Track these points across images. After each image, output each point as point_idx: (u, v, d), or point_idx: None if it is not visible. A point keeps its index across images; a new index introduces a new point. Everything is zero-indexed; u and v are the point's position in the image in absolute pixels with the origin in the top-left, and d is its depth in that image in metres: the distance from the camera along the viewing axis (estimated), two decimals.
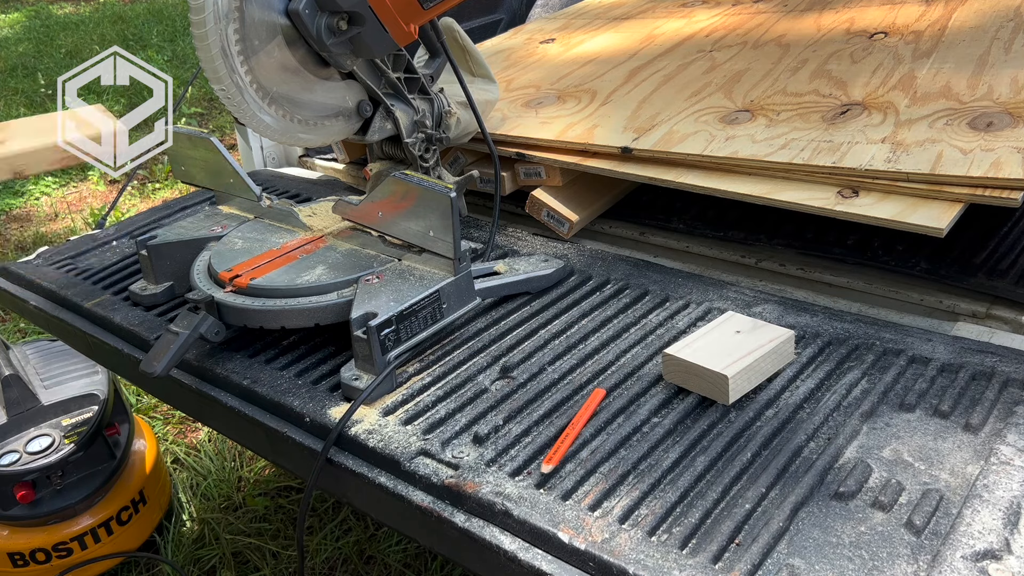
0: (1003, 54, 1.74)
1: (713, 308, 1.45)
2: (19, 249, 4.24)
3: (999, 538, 0.94)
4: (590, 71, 2.14)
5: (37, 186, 5.01)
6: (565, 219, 1.75)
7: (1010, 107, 1.50)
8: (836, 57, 1.93)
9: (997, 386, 1.19)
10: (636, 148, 1.67)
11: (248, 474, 2.64)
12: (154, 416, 2.94)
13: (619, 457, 1.14)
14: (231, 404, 1.40)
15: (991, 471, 1.04)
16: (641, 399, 1.25)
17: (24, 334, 3.46)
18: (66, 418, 2.21)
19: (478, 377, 1.34)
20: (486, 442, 1.19)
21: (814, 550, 0.96)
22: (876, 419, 1.16)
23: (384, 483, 1.18)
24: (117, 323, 1.64)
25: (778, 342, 1.26)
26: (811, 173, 1.48)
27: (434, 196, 1.40)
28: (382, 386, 1.30)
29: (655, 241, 1.74)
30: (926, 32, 1.97)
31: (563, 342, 1.40)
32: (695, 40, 2.25)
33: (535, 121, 1.88)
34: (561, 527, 1.02)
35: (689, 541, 1.00)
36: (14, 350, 2.39)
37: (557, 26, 2.64)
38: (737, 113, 1.73)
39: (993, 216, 1.59)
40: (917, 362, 1.26)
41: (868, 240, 1.57)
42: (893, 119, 1.57)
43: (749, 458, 1.11)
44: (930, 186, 1.37)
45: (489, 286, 1.52)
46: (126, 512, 2.26)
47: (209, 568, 2.34)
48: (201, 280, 1.50)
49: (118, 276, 1.83)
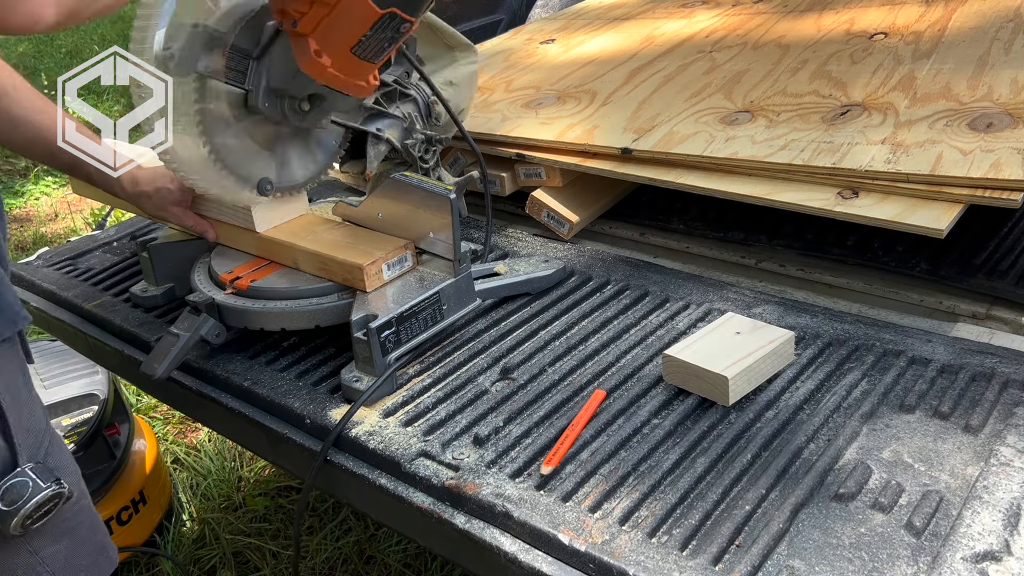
0: (1003, 55, 1.74)
1: (713, 309, 1.45)
2: (19, 249, 4.24)
3: (999, 539, 0.94)
4: (590, 72, 2.14)
5: (37, 186, 5.01)
6: (565, 220, 1.75)
7: (1010, 108, 1.50)
8: (836, 58, 1.92)
9: (997, 387, 1.19)
10: (636, 149, 1.67)
11: (248, 474, 2.65)
12: (154, 416, 2.94)
13: (619, 458, 1.14)
14: (232, 405, 1.40)
15: (991, 472, 1.04)
16: (641, 400, 1.25)
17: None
18: (66, 418, 2.21)
19: (478, 378, 1.34)
20: (486, 443, 1.19)
21: (814, 551, 0.97)
22: (876, 420, 1.16)
23: (384, 484, 1.18)
24: (118, 325, 1.64)
25: (778, 343, 1.26)
26: (811, 174, 1.48)
27: (434, 197, 1.40)
28: (382, 388, 1.30)
29: (655, 242, 1.74)
30: (926, 33, 1.97)
31: (563, 343, 1.40)
32: (695, 41, 2.25)
33: (535, 122, 1.88)
34: (561, 529, 1.03)
35: (689, 542, 1.00)
36: None
37: (557, 27, 2.64)
38: (737, 114, 1.73)
39: (993, 217, 1.59)
40: (917, 363, 1.26)
41: (868, 241, 1.57)
42: (893, 120, 1.57)
43: (749, 459, 1.11)
44: (930, 187, 1.37)
45: (489, 287, 1.52)
46: (126, 512, 2.26)
47: (209, 568, 2.34)
48: (202, 282, 1.50)
49: (118, 277, 1.83)
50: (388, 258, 1.40)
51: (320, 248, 1.43)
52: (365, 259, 1.38)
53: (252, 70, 1.38)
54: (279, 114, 1.42)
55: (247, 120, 1.43)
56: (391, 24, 1.27)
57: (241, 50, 1.36)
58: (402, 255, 1.42)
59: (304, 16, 1.26)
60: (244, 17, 1.35)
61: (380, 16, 1.25)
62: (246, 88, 1.38)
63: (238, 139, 1.43)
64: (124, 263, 1.90)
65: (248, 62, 1.37)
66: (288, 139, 1.51)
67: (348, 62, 1.31)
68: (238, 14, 1.35)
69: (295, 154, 1.54)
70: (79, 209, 4.59)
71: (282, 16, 1.29)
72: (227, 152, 1.41)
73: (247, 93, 1.39)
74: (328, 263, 1.41)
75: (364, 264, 1.37)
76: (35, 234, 4.38)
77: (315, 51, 1.28)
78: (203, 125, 1.37)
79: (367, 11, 1.25)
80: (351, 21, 1.26)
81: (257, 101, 1.39)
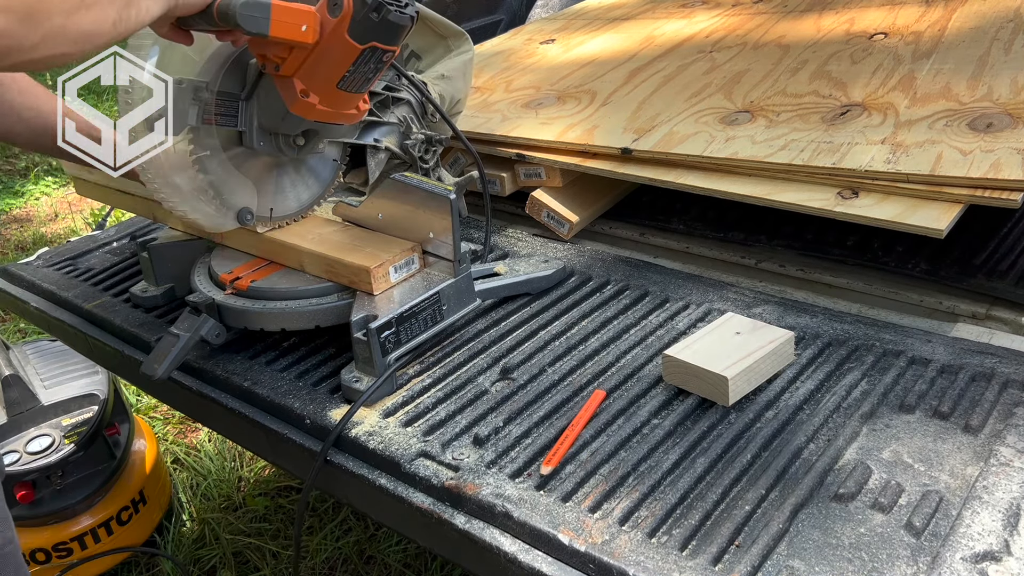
0: (1003, 55, 1.74)
1: (713, 309, 1.45)
2: (19, 249, 4.24)
3: (999, 540, 0.95)
4: (590, 72, 2.14)
5: (37, 186, 5.01)
6: (565, 220, 1.75)
7: (1010, 108, 1.50)
8: (836, 58, 1.93)
9: (997, 387, 1.19)
10: (636, 149, 1.67)
11: (248, 474, 2.65)
12: (154, 416, 2.95)
13: (619, 459, 1.14)
14: (232, 406, 1.40)
15: (991, 472, 1.04)
16: (641, 400, 1.26)
17: (24, 334, 3.46)
18: (66, 418, 2.21)
19: (478, 379, 1.34)
20: (486, 444, 1.19)
21: (814, 552, 0.97)
22: (876, 420, 1.16)
23: (384, 485, 1.18)
24: (118, 325, 1.64)
25: (778, 343, 1.26)
26: (811, 174, 1.48)
27: (434, 198, 1.40)
28: (382, 388, 1.30)
29: (655, 242, 1.74)
30: (926, 33, 1.97)
31: (563, 343, 1.40)
32: (695, 41, 2.25)
33: (535, 122, 1.88)
34: (561, 529, 1.03)
35: (689, 543, 1.00)
36: (14, 350, 2.39)
37: (557, 27, 2.64)
38: (737, 114, 1.73)
39: (993, 217, 1.59)
40: (917, 363, 1.26)
41: (868, 241, 1.57)
42: (893, 120, 1.57)
43: (749, 459, 1.11)
44: (930, 187, 1.37)
45: (489, 287, 1.52)
46: (126, 512, 2.26)
47: (209, 568, 2.34)
48: (202, 282, 1.50)
49: (118, 277, 1.83)
50: (395, 260, 1.40)
51: (326, 250, 1.43)
52: (372, 262, 1.38)
53: (243, 111, 1.39)
54: (275, 150, 1.44)
55: (237, 151, 1.44)
56: (373, 57, 1.29)
57: (228, 94, 1.37)
58: (409, 257, 1.42)
59: (285, 60, 1.28)
60: (227, 61, 1.35)
61: (361, 51, 1.27)
62: (239, 129, 1.40)
63: (226, 169, 1.43)
64: (124, 263, 1.90)
65: (237, 103, 1.38)
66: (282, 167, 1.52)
67: (336, 97, 1.33)
68: (220, 59, 1.35)
69: (289, 181, 1.54)
70: (79, 209, 4.59)
71: (264, 60, 1.30)
72: (216, 182, 1.42)
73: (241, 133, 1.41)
74: (334, 265, 1.41)
75: (371, 267, 1.36)
76: (35, 234, 4.38)
77: (301, 91, 1.30)
78: (195, 156, 1.38)
79: (347, 48, 1.26)
80: (333, 60, 1.28)
81: (252, 142, 1.40)
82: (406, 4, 1.27)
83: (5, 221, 4.64)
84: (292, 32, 1.23)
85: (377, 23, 1.24)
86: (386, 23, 1.25)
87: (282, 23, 1.21)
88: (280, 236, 1.50)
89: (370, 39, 1.26)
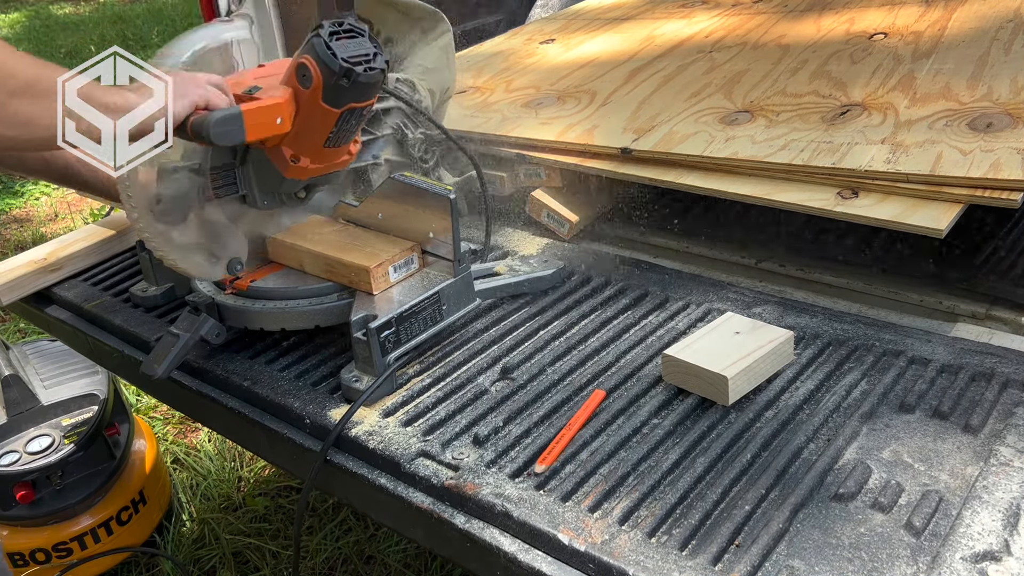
0: (1003, 55, 1.75)
1: (713, 309, 1.45)
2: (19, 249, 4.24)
3: (998, 539, 0.95)
4: (590, 72, 2.14)
5: (37, 186, 5.01)
6: (565, 220, 1.75)
7: (1010, 108, 1.50)
8: (836, 58, 1.93)
9: (997, 387, 1.19)
10: (636, 149, 1.67)
11: (248, 474, 2.65)
12: (154, 416, 2.95)
13: (619, 458, 1.14)
14: (231, 405, 1.40)
15: (991, 472, 1.04)
16: (641, 400, 1.26)
17: (24, 334, 3.46)
18: (66, 418, 2.21)
19: (478, 378, 1.34)
20: (486, 443, 1.19)
21: (814, 551, 0.97)
22: (876, 420, 1.16)
23: (384, 484, 1.18)
24: (118, 325, 1.64)
25: (778, 343, 1.26)
26: (811, 174, 1.48)
27: (434, 198, 1.40)
28: (382, 387, 1.30)
29: (655, 242, 1.74)
30: (926, 33, 1.97)
31: (563, 343, 1.40)
32: (695, 41, 2.25)
33: (535, 122, 1.88)
34: (561, 528, 1.03)
35: (689, 542, 1.00)
36: (14, 350, 2.39)
37: (557, 27, 2.64)
38: (737, 114, 1.73)
39: (993, 217, 1.59)
40: (917, 363, 1.26)
41: (868, 241, 1.57)
42: (893, 120, 1.57)
43: (749, 459, 1.11)
44: (930, 187, 1.37)
45: (489, 287, 1.52)
46: (126, 512, 2.26)
47: (209, 568, 2.34)
48: (202, 282, 1.50)
49: (118, 277, 1.83)
50: (395, 260, 1.40)
51: (326, 250, 1.43)
52: (371, 261, 1.38)
53: (240, 176, 1.41)
54: (279, 205, 1.46)
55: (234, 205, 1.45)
56: (352, 115, 1.33)
57: (223, 166, 1.38)
58: (409, 257, 1.42)
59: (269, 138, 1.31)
60: None
61: (340, 115, 1.30)
62: (241, 194, 1.42)
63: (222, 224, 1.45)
64: (124, 263, 1.90)
65: (233, 171, 1.40)
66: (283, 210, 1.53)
67: (325, 154, 1.37)
68: None
69: (289, 220, 1.55)
70: (79, 209, 4.59)
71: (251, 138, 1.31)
72: (210, 236, 1.43)
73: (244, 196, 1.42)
74: (334, 265, 1.41)
75: (371, 266, 1.36)
76: (35, 234, 4.38)
77: (291, 157, 1.34)
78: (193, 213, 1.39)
79: (326, 115, 1.30)
80: (314, 127, 1.32)
81: (256, 203, 1.42)
82: (374, 56, 1.29)
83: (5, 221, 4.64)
84: (268, 130, 1.28)
85: (349, 88, 1.27)
86: (357, 85, 1.27)
87: (257, 125, 1.25)
88: (280, 236, 1.50)
89: (346, 102, 1.30)
